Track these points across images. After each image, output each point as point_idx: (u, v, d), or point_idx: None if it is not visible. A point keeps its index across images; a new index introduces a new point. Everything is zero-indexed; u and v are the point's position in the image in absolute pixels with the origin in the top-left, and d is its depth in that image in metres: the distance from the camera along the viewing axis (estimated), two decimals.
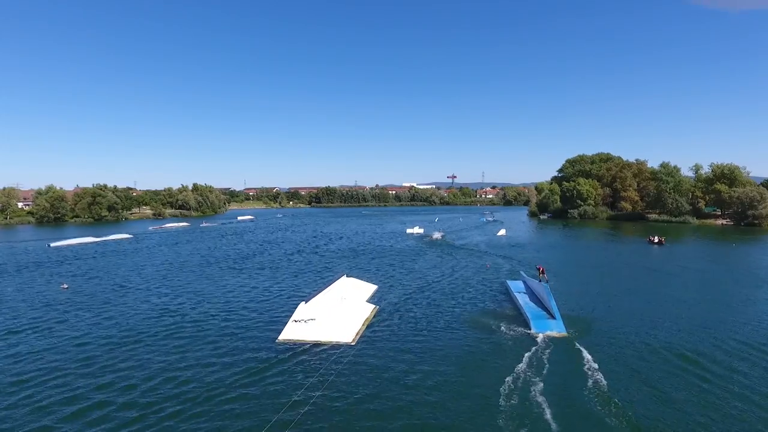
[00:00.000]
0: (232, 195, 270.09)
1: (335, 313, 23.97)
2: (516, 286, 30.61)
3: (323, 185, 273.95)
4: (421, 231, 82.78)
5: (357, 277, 35.64)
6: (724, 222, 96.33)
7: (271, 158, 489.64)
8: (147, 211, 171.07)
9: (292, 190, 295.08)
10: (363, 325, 23.19)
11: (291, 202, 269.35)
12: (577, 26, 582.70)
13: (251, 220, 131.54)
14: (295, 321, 22.49)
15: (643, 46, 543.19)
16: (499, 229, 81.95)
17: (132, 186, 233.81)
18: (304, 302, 24.52)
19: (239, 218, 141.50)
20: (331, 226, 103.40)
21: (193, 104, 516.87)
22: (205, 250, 57.73)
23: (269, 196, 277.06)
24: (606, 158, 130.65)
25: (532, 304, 25.82)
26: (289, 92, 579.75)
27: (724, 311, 26.29)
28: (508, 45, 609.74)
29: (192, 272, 40.95)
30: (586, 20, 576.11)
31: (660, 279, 36.52)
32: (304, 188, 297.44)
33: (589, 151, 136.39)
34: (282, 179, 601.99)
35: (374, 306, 27.08)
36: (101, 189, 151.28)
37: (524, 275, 33.22)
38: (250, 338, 21.80)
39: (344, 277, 32.97)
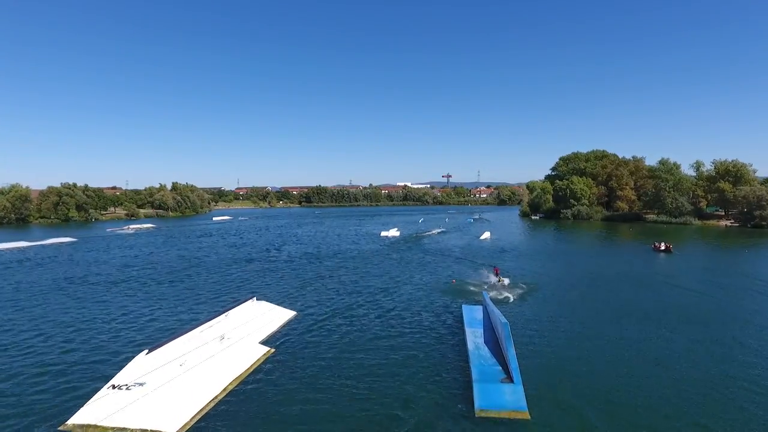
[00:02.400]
0: (220, 194, 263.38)
1: (187, 371, 16.12)
2: (472, 317, 22.74)
3: (318, 185, 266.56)
4: (398, 234, 75.55)
5: (276, 298, 27.82)
6: (728, 223, 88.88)
7: (266, 158, 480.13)
8: (122, 211, 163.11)
9: (284, 190, 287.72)
10: (222, 391, 15.28)
11: (281, 202, 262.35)
12: (570, 17, 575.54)
13: (225, 222, 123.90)
14: (113, 387, 14.65)
15: (640, 37, 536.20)
16: (483, 232, 74.24)
17: (123, 186, 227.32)
18: (147, 350, 16.66)
19: (214, 219, 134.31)
20: (303, 228, 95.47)
21: (188, 104, 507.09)
22: (132, 259, 49.53)
23: (258, 195, 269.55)
24: (601, 155, 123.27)
25: (484, 350, 17.98)
26: (285, 91, 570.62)
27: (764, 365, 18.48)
28: (502, 40, 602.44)
29: (79, 292, 32.29)
30: (579, 11, 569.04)
31: (673, 303, 27.91)
32: (297, 188, 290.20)
33: (585, 149, 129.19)
34: (276, 179, 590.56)
35: (267, 349, 19.22)
36: (69, 188, 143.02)
37: (487, 298, 25.28)
38: (26, 418, 13.86)
39: (251, 302, 25.08)
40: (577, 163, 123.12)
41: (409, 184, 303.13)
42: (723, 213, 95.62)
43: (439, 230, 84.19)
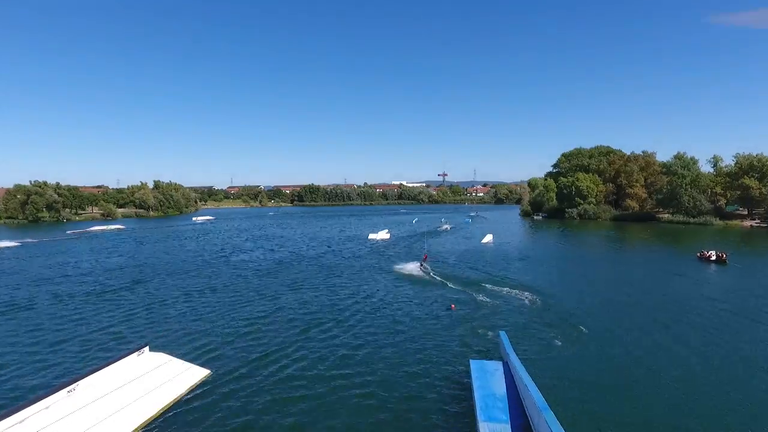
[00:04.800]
0: (210, 194, 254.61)
1: None
2: (487, 385, 13.69)
3: (311, 183, 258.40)
4: (388, 237, 66.81)
5: (186, 343, 18.86)
6: (753, 223, 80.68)
7: (260, 157, 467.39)
8: (99, 211, 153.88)
9: (276, 188, 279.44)
10: None
11: (272, 201, 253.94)
12: (567, 13, 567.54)
13: (203, 223, 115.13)
14: None
15: (641, 36, 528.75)
16: (485, 235, 65.57)
17: (114, 184, 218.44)
18: None
19: (194, 219, 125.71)
20: (283, 229, 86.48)
21: (183, 103, 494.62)
22: (54, 269, 40.42)
23: (249, 194, 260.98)
24: (606, 152, 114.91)
25: None
26: (281, 89, 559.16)
27: None
28: (498, 36, 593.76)
29: None
30: (578, 8, 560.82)
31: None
32: (291, 186, 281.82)
33: (586, 145, 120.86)
34: (270, 177, 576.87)
35: None
36: (39, 186, 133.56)
37: (506, 344, 16.29)
38: None
39: (136, 355, 15.93)
40: (581, 159, 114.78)
41: (404, 183, 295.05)
42: (746, 212, 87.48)
43: (435, 232, 75.64)
